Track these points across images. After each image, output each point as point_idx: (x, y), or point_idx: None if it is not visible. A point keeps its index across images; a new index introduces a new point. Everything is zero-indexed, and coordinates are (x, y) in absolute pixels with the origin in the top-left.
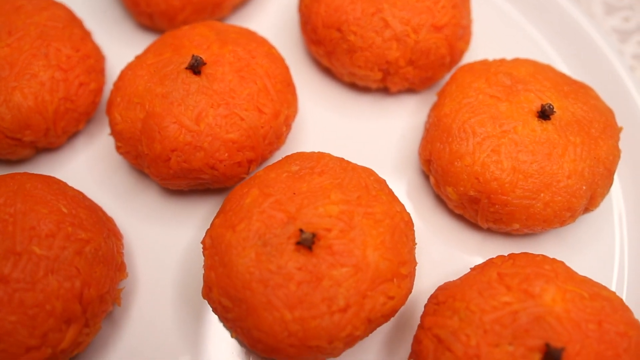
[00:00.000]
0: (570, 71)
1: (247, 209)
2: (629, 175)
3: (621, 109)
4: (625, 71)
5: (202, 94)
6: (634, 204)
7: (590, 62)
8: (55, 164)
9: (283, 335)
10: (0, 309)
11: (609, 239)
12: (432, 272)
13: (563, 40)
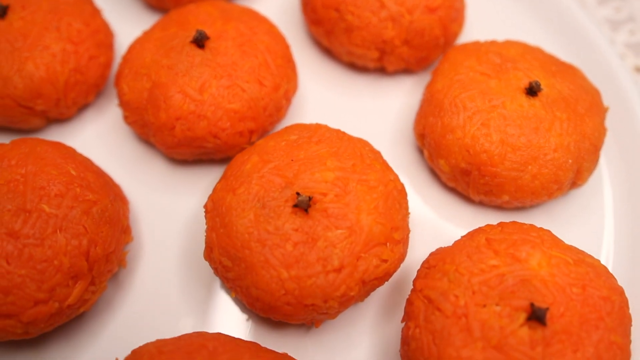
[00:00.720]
0: (560, 55)
1: (247, 174)
2: (617, 155)
3: (609, 91)
4: (613, 55)
5: (206, 66)
6: (622, 182)
7: (580, 47)
8: (65, 135)
9: (280, 294)
10: (10, 262)
11: (598, 216)
12: (426, 244)
13: (554, 26)
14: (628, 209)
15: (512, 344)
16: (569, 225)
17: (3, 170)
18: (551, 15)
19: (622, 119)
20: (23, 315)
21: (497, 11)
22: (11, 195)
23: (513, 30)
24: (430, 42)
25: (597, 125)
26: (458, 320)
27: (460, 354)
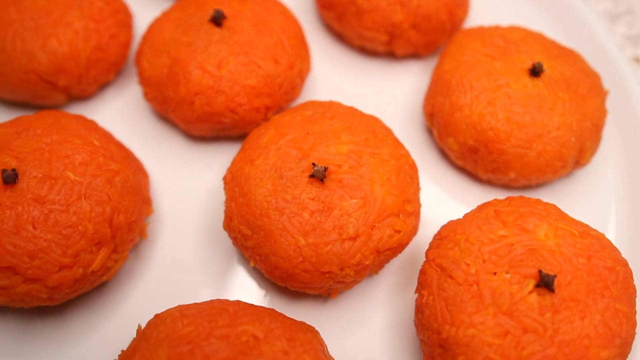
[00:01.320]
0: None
1: (264, 146)
2: (618, 137)
3: (608, 77)
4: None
5: (224, 43)
6: (623, 164)
7: (579, 35)
8: (85, 112)
9: (297, 261)
10: (37, 227)
11: (601, 196)
12: (435, 222)
13: (555, 14)
14: (630, 189)
15: (522, 310)
16: (574, 205)
17: (29, 139)
18: (552, 4)
19: (622, 103)
20: (48, 280)
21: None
22: (37, 163)
23: (516, 17)
24: (437, 26)
25: (598, 106)
26: (470, 288)
27: (473, 319)
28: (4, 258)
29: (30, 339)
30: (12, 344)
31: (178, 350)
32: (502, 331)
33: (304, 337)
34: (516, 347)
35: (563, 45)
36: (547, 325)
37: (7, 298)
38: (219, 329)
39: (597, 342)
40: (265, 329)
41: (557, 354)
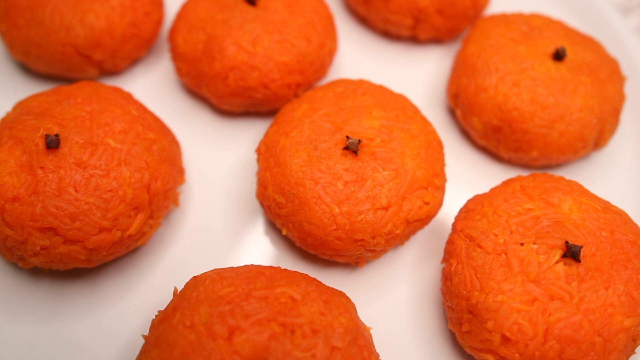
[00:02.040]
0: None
1: (298, 119)
2: (636, 122)
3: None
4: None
5: (258, 22)
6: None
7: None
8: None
9: (331, 228)
10: (78, 190)
11: (619, 177)
12: (457, 199)
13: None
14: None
15: (549, 278)
16: (592, 186)
17: (70, 107)
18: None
19: (638, 88)
20: (88, 242)
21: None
22: (78, 130)
23: (534, 7)
24: (460, 12)
25: (617, 90)
26: (498, 257)
27: (502, 286)
28: (46, 219)
29: (64, 302)
30: (45, 307)
31: (218, 310)
32: (530, 298)
33: (339, 301)
34: (543, 313)
35: (583, 32)
36: (573, 293)
37: (47, 258)
38: (257, 290)
39: (620, 311)
40: (302, 291)
41: (583, 321)
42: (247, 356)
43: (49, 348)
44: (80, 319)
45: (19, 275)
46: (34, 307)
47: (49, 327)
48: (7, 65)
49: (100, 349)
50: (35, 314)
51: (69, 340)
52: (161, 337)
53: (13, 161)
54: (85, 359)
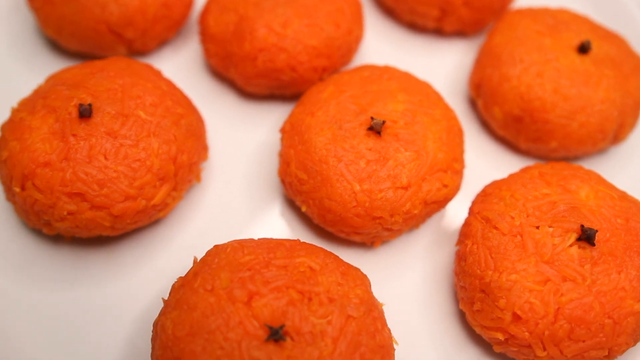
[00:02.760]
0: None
1: (324, 100)
2: None
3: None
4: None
5: (289, 6)
6: None
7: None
8: None
9: (351, 205)
10: (108, 159)
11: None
12: (474, 185)
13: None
14: None
15: (562, 260)
16: (611, 179)
17: (103, 79)
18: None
19: None
20: (113, 209)
21: None
22: (110, 101)
23: (560, 2)
24: (487, 5)
25: (639, 86)
26: (513, 238)
27: (515, 266)
28: (75, 184)
29: (84, 269)
30: (66, 274)
31: (239, 275)
32: (542, 278)
33: (355, 274)
34: (555, 293)
35: (608, 28)
36: (585, 275)
37: (73, 224)
38: (277, 259)
39: (631, 295)
40: (321, 262)
41: (594, 302)
42: (265, 320)
43: (69, 313)
44: (99, 286)
45: (41, 243)
46: (55, 274)
47: (69, 293)
48: (38, 42)
49: (119, 314)
50: (56, 280)
51: (88, 306)
52: (181, 299)
53: (46, 128)
54: (104, 323)
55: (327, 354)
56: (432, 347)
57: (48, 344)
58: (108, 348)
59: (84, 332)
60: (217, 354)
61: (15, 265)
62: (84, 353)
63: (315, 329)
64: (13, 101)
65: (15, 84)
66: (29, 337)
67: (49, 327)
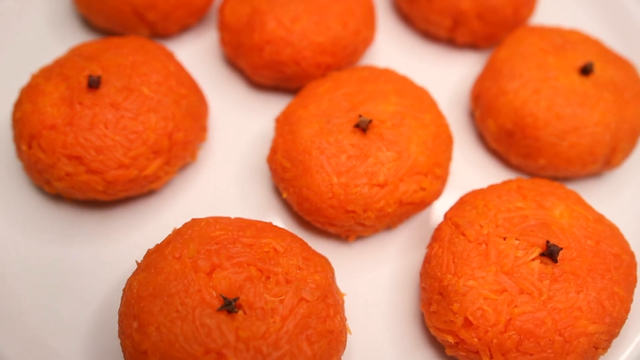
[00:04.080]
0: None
1: (319, 95)
2: None
3: None
4: None
5: (302, 2)
6: None
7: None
8: None
9: (327, 196)
10: (108, 128)
11: (628, 201)
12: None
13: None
14: None
15: (522, 273)
16: (599, 205)
17: (116, 55)
18: (618, 15)
19: None
20: (107, 174)
21: (569, 3)
22: (119, 76)
23: (580, 23)
24: (501, 20)
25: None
26: (478, 246)
27: (475, 273)
28: (74, 148)
29: (77, 229)
30: (61, 230)
31: (206, 248)
32: (499, 288)
33: (318, 261)
34: (509, 304)
35: (619, 54)
36: (542, 290)
37: (69, 184)
38: (245, 237)
39: (587, 316)
40: (286, 245)
41: (546, 318)
42: (222, 291)
43: (60, 265)
44: (90, 245)
45: (43, 200)
46: (52, 229)
47: (62, 248)
48: (72, 18)
49: (103, 272)
50: (52, 235)
51: (77, 261)
52: (151, 263)
53: (57, 94)
54: (89, 278)
55: (274, 330)
56: (389, 342)
57: (37, 288)
58: (88, 300)
59: (70, 284)
60: (172, 316)
61: (19, 217)
62: (66, 301)
63: (267, 306)
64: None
65: (46, 55)
66: (21, 280)
67: (40, 274)
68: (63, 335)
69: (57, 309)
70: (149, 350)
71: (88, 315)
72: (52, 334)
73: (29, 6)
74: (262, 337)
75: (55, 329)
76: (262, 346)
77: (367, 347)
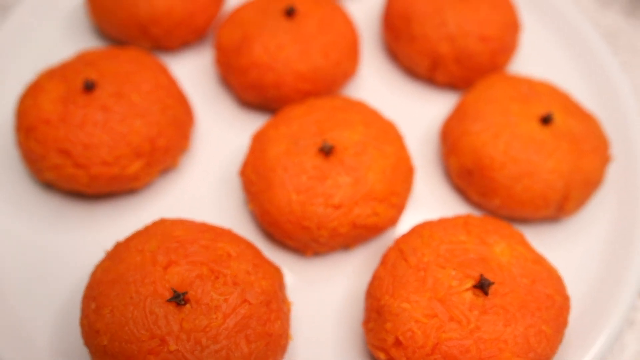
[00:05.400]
0: (591, 106)
1: (292, 118)
2: (614, 205)
3: (621, 144)
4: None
5: (289, 32)
6: (611, 232)
7: (611, 106)
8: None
9: (286, 211)
10: (96, 127)
11: (578, 252)
12: None
13: (593, 79)
14: (609, 255)
15: (454, 301)
16: (554, 250)
17: (113, 63)
18: (592, 68)
19: (627, 174)
20: (91, 169)
21: (548, 54)
22: (112, 82)
23: (556, 73)
24: (477, 66)
25: (595, 165)
26: (417, 272)
27: (410, 297)
28: (64, 143)
29: (62, 217)
30: (51, 216)
31: (167, 245)
32: (431, 313)
33: (267, 269)
34: (438, 329)
35: (584, 108)
36: (471, 320)
37: (57, 175)
38: (203, 239)
39: (512, 349)
40: (239, 251)
41: (471, 346)
42: (174, 285)
43: (43, 249)
44: (70, 233)
45: (36, 187)
46: (39, 214)
47: (44, 234)
48: (86, 27)
49: (81, 259)
50: (40, 220)
51: (60, 247)
52: (116, 253)
53: (55, 93)
54: (63, 264)
55: (215, 325)
56: (331, 354)
57: (18, 266)
58: (63, 281)
59: (49, 266)
60: (126, 301)
61: (11, 200)
62: (44, 281)
63: (212, 303)
64: None
65: (59, 57)
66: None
67: (21, 254)
68: (37, 314)
69: (34, 287)
70: (101, 330)
71: (62, 296)
72: (27, 313)
73: (49, 13)
74: (203, 330)
75: (31, 308)
76: (202, 338)
77: (309, 356)
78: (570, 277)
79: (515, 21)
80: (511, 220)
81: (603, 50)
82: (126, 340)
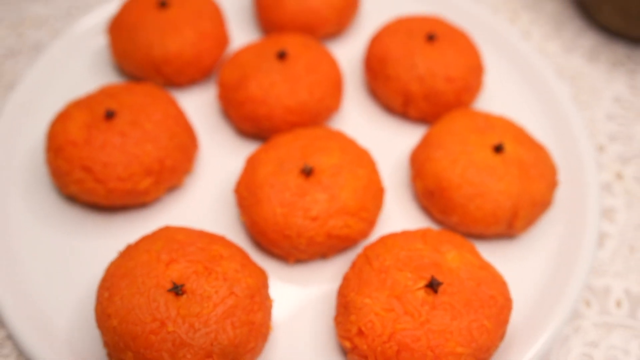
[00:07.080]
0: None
1: (280, 144)
2: (561, 229)
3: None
4: (590, 158)
5: (280, 73)
6: (556, 253)
7: (567, 145)
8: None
9: (271, 222)
10: (115, 149)
11: (527, 268)
12: None
13: (551, 120)
14: (553, 269)
15: (408, 298)
16: (507, 263)
17: (130, 96)
18: (551, 107)
19: (574, 197)
20: (108, 184)
21: (511, 93)
22: (130, 112)
23: (517, 110)
24: (444, 103)
25: (542, 189)
26: (379, 274)
27: (372, 294)
28: (86, 161)
29: (82, 226)
30: (73, 225)
31: (170, 246)
32: (388, 307)
33: (254, 269)
34: (394, 321)
35: (536, 140)
36: (422, 313)
37: (79, 189)
38: (200, 243)
39: (457, 339)
40: (231, 253)
41: (422, 336)
42: (174, 278)
43: (63, 253)
44: (89, 239)
45: (60, 199)
46: (63, 223)
47: (67, 240)
48: (109, 65)
49: (95, 261)
50: (63, 228)
51: (77, 251)
52: (127, 252)
53: (81, 120)
54: (83, 265)
55: (206, 312)
56: (307, 344)
57: (44, 268)
58: (82, 278)
59: (71, 268)
60: (133, 291)
61: (39, 210)
62: (66, 281)
63: (205, 294)
64: None
65: (84, 90)
66: (32, 261)
67: (47, 258)
68: (59, 303)
69: (58, 282)
70: (112, 314)
71: (81, 288)
72: (51, 303)
73: (77, 53)
74: (196, 315)
75: (54, 299)
76: (195, 322)
77: (288, 345)
78: (521, 286)
79: (479, 64)
80: (468, 236)
81: (558, 90)
82: (132, 322)
